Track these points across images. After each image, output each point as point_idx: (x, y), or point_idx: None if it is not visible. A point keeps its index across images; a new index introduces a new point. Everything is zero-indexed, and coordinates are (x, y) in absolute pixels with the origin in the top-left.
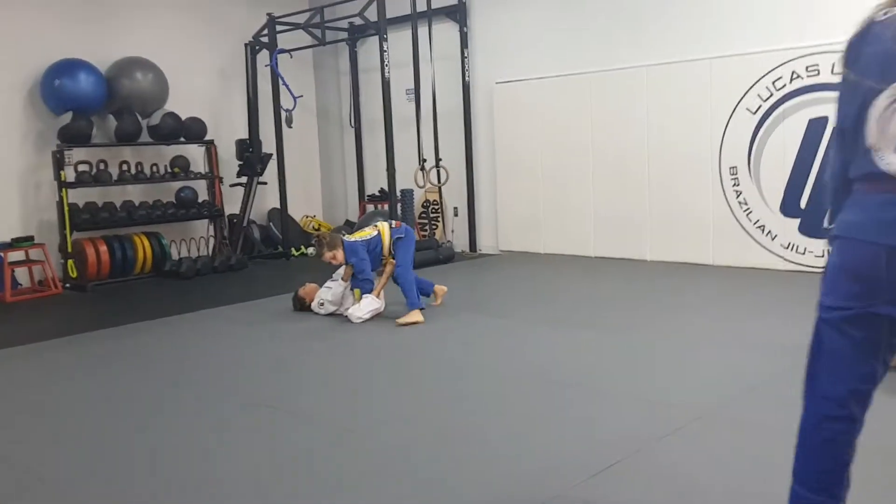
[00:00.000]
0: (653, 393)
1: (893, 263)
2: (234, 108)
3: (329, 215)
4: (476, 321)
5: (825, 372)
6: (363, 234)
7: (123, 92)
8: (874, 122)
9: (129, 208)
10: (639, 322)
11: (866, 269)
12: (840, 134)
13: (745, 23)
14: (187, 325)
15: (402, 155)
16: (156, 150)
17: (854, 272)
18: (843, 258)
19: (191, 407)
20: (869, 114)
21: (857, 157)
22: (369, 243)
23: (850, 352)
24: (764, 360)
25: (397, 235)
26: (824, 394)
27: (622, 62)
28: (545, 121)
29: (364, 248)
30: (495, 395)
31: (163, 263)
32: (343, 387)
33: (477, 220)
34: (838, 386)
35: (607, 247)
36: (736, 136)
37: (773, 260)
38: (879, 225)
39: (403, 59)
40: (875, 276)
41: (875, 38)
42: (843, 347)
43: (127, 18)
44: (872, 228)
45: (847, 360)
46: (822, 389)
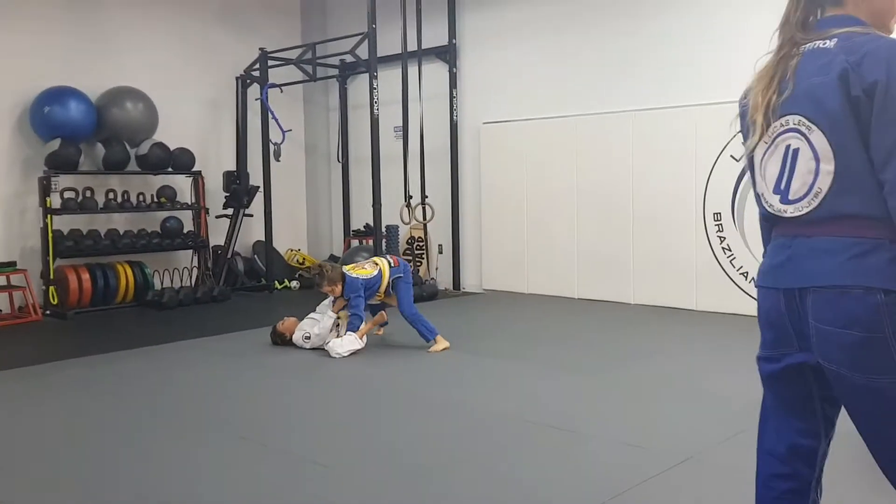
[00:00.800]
0: (635, 437)
1: (792, 307)
2: (222, 140)
3: (314, 249)
4: (458, 359)
5: (767, 428)
6: (365, 273)
7: (113, 121)
8: (758, 169)
9: (113, 237)
10: (621, 365)
11: (773, 316)
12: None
13: (729, 71)
14: (167, 354)
15: (388, 191)
16: (143, 179)
17: (765, 319)
18: (758, 306)
19: (165, 437)
20: (753, 162)
21: (757, 201)
22: (369, 282)
23: (784, 407)
24: (747, 406)
25: (396, 275)
26: (768, 450)
27: (609, 106)
28: (531, 162)
29: (364, 287)
30: (474, 435)
31: (145, 293)
32: (320, 421)
33: (461, 258)
34: (778, 443)
35: (591, 289)
36: (720, 183)
37: (755, 307)
38: (774, 269)
39: (392, 97)
40: (780, 321)
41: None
42: (777, 403)
43: (119, 48)
44: (769, 273)
45: (782, 416)
46: (766, 445)
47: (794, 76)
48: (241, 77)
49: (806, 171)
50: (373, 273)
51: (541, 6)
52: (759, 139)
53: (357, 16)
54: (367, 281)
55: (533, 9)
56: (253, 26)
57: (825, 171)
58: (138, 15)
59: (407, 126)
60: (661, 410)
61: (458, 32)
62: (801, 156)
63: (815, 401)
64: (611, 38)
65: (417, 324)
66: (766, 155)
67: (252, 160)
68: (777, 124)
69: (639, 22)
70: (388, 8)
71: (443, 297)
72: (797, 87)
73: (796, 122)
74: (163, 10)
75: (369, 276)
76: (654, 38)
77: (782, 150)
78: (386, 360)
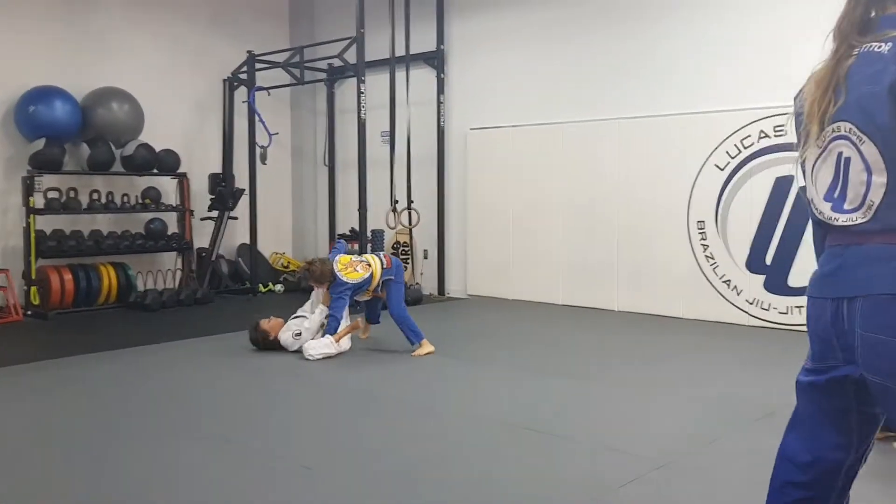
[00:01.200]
0: (615, 441)
1: (839, 317)
2: (208, 142)
3: (299, 253)
4: (442, 364)
5: (793, 436)
6: (356, 277)
7: (98, 121)
8: (809, 174)
9: (96, 237)
10: (604, 371)
11: (820, 327)
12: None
13: (715, 81)
14: (149, 356)
15: (374, 196)
16: (128, 180)
17: (813, 330)
18: (807, 316)
19: (147, 439)
20: (804, 167)
21: (808, 207)
22: (357, 284)
23: (819, 418)
24: (725, 413)
25: (388, 276)
26: (789, 457)
27: (596, 114)
28: (518, 168)
29: (350, 291)
30: (456, 438)
31: (128, 294)
32: (304, 424)
33: (446, 263)
34: (803, 452)
35: (576, 295)
36: (704, 192)
37: (738, 315)
38: (824, 279)
39: (380, 102)
40: (826, 333)
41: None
42: (811, 413)
43: (107, 48)
44: (819, 283)
45: (815, 426)
46: (787, 452)
47: (846, 83)
48: (229, 79)
49: (858, 182)
50: (363, 276)
51: (529, 14)
52: (812, 145)
53: (345, 20)
54: (355, 284)
55: (521, 16)
56: (241, 29)
57: (877, 184)
58: (126, 15)
59: (394, 131)
60: (641, 415)
61: (447, 38)
62: (852, 166)
63: (853, 415)
64: (598, 45)
65: (404, 326)
66: (817, 161)
67: (238, 163)
68: (829, 129)
69: (626, 30)
70: (377, 13)
71: (427, 302)
72: (849, 94)
73: (847, 130)
74: (151, 11)
75: (357, 281)
76: (641, 47)
77: (834, 157)
78: (370, 363)
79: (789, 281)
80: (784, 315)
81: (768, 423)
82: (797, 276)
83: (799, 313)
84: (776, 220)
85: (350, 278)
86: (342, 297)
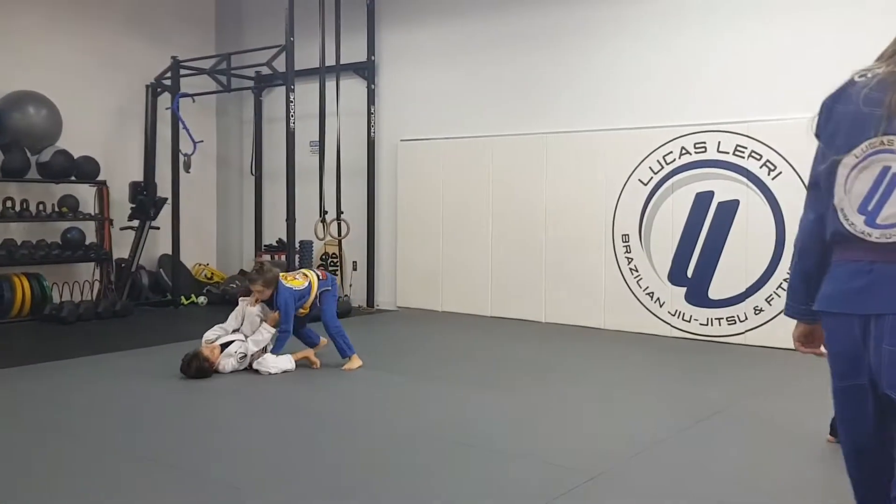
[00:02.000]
0: (546, 454)
1: (867, 333)
2: (130, 150)
3: (223, 264)
4: (371, 377)
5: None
6: (297, 284)
7: (13, 126)
8: (841, 182)
9: (10, 247)
10: (532, 383)
11: (846, 344)
12: (814, 188)
13: (639, 98)
14: (66, 372)
15: (302, 206)
16: (44, 187)
17: (837, 348)
18: (827, 334)
19: (65, 461)
20: (838, 172)
21: (829, 214)
22: (299, 293)
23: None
24: (653, 424)
25: (324, 288)
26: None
27: (522, 128)
28: (447, 180)
29: (294, 299)
30: (388, 453)
31: (42, 306)
32: (230, 442)
33: (376, 275)
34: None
35: (504, 307)
36: (628, 206)
37: (660, 326)
38: (850, 294)
39: (309, 111)
40: (853, 349)
41: (847, 99)
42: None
43: (23, 50)
44: (843, 298)
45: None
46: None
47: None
48: (152, 85)
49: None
50: (303, 284)
51: (460, 27)
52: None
53: (274, 27)
54: (298, 292)
55: (452, 29)
56: (165, 34)
57: None
58: (44, 18)
59: (323, 141)
60: (573, 427)
61: (377, 49)
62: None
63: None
64: (526, 61)
65: (338, 337)
66: (854, 169)
67: (160, 171)
68: (875, 140)
69: (553, 48)
70: (307, 21)
71: (356, 314)
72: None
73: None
74: (70, 14)
75: (300, 288)
76: (569, 64)
77: (877, 169)
78: (301, 378)
79: (710, 293)
80: (704, 326)
81: (696, 434)
82: (717, 288)
83: (719, 324)
84: (697, 234)
85: (292, 284)
86: (289, 306)
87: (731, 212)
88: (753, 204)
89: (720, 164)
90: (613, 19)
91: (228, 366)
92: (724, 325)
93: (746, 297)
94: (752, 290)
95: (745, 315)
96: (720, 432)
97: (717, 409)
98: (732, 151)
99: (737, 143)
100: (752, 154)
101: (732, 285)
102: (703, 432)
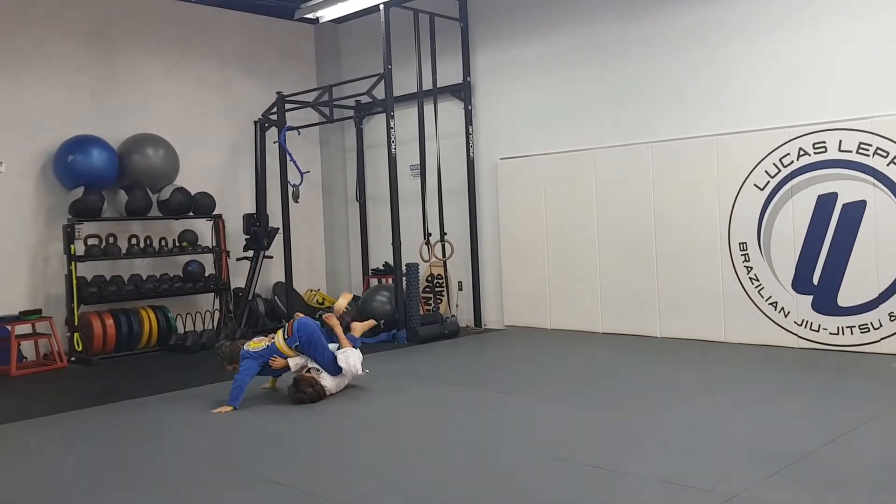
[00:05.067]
0: (672, 475)
1: None
2: (242, 183)
3: (333, 289)
4: (483, 397)
5: None
6: (257, 346)
7: (134, 167)
8: None
9: (136, 282)
10: (651, 400)
11: None
12: None
13: (750, 100)
14: (192, 400)
15: (406, 229)
16: (165, 224)
17: None
18: None
19: (194, 484)
20: None
21: None
22: (262, 354)
23: None
24: (784, 442)
25: (294, 344)
26: None
27: (626, 138)
28: (549, 196)
29: (255, 359)
30: (508, 475)
31: (168, 337)
32: (345, 463)
33: (482, 294)
34: None
35: (615, 322)
36: (744, 212)
37: (786, 337)
38: None
39: (409, 136)
40: None
41: None
42: None
43: (140, 96)
44: None
45: None
46: None
47: None
48: (259, 121)
49: None
50: (265, 345)
51: (553, 42)
52: None
53: (371, 57)
54: (260, 354)
55: (545, 45)
56: (270, 71)
57: None
58: (158, 64)
59: (424, 164)
60: (697, 448)
61: (473, 70)
62: None
63: None
64: (623, 69)
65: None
66: None
67: (271, 202)
68: None
69: (655, 54)
70: (403, 49)
71: (464, 334)
72: None
73: None
74: (183, 59)
75: (260, 349)
76: (670, 70)
77: None
78: (405, 398)
79: (839, 300)
80: (835, 336)
81: (832, 453)
82: (847, 295)
83: (850, 333)
84: (821, 239)
85: (252, 347)
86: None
87: (859, 213)
88: (882, 204)
89: (843, 163)
90: (712, 22)
91: (333, 386)
92: (856, 333)
93: (880, 304)
94: (886, 295)
95: (880, 322)
96: (866, 446)
97: (858, 423)
98: (856, 150)
99: (860, 140)
100: (877, 151)
101: (864, 291)
102: (848, 447)
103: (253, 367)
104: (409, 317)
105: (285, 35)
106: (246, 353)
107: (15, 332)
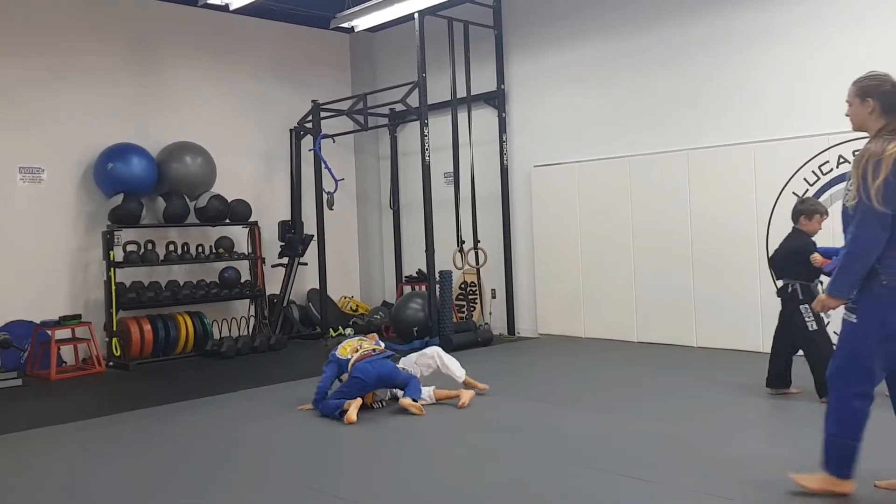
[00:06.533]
0: (712, 487)
1: None
2: (277, 191)
3: (367, 296)
4: (518, 406)
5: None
6: (343, 353)
7: (173, 175)
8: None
9: (173, 287)
10: (689, 411)
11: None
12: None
13: (789, 107)
14: (228, 405)
15: (440, 237)
16: (202, 230)
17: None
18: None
19: (230, 490)
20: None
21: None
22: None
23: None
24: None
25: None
26: None
27: (661, 146)
28: (584, 204)
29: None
30: (548, 486)
31: (204, 343)
32: (385, 471)
33: (515, 302)
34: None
35: (651, 332)
36: (783, 220)
37: None
38: None
39: (442, 143)
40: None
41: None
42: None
43: (178, 105)
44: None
45: None
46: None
47: None
48: (295, 129)
49: None
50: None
51: (587, 49)
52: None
53: (405, 65)
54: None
55: (579, 52)
56: (305, 80)
57: None
58: (196, 73)
59: (458, 171)
60: (740, 459)
61: (507, 77)
62: None
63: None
64: (659, 76)
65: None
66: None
67: (306, 209)
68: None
69: (690, 60)
70: (437, 56)
71: (498, 342)
72: None
73: None
74: (220, 68)
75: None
76: (706, 76)
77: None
78: (437, 413)
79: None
80: None
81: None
82: None
83: None
84: None
85: (341, 354)
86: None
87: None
88: None
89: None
90: (752, 30)
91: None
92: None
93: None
94: None
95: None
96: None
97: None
98: None
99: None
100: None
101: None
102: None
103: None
104: (442, 324)
105: (321, 44)
106: (331, 357)
107: (55, 337)
